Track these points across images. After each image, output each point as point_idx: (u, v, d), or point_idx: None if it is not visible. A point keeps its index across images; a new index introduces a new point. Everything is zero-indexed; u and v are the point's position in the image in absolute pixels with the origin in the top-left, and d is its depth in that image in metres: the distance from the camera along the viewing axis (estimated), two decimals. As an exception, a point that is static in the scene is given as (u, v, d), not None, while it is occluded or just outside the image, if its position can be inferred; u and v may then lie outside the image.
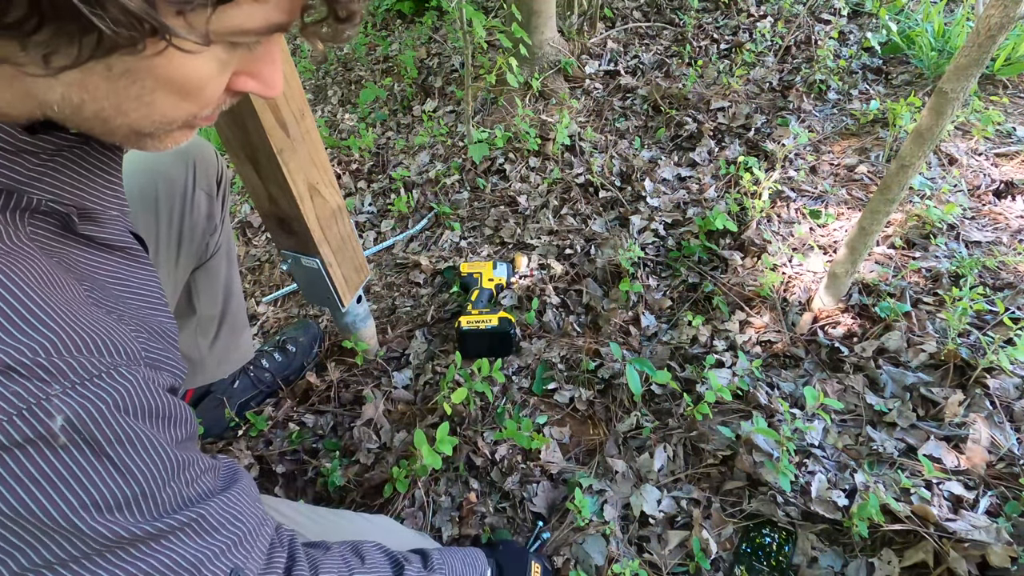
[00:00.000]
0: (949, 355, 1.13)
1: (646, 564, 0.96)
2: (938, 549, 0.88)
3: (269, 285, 1.75)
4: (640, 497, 1.03)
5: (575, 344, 1.34)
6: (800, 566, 0.93)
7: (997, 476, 0.97)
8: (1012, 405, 1.05)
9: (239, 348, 1.22)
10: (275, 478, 1.16)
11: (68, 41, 0.29)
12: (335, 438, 1.23)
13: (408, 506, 1.08)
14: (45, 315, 0.36)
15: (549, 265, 1.53)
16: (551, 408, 1.24)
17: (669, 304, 1.40)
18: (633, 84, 2.19)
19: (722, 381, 1.13)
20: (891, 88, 2.04)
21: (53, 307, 0.37)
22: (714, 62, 2.26)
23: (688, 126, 1.94)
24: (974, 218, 1.47)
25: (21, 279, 0.36)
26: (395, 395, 1.29)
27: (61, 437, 0.35)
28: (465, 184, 1.94)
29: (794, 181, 1.67)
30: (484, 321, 1.31)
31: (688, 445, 1.12)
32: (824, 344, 1.23)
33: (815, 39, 2.25)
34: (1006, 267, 1.30)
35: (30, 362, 0.34)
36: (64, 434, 0.35)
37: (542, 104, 2.18)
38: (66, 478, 0.36)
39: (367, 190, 2.03)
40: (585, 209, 1.72)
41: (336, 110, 2.60)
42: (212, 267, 1.07)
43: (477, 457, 1.13)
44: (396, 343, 1.43)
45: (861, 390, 1.14)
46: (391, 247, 1.79)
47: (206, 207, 0.99)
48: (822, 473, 1.01)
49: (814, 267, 1.40)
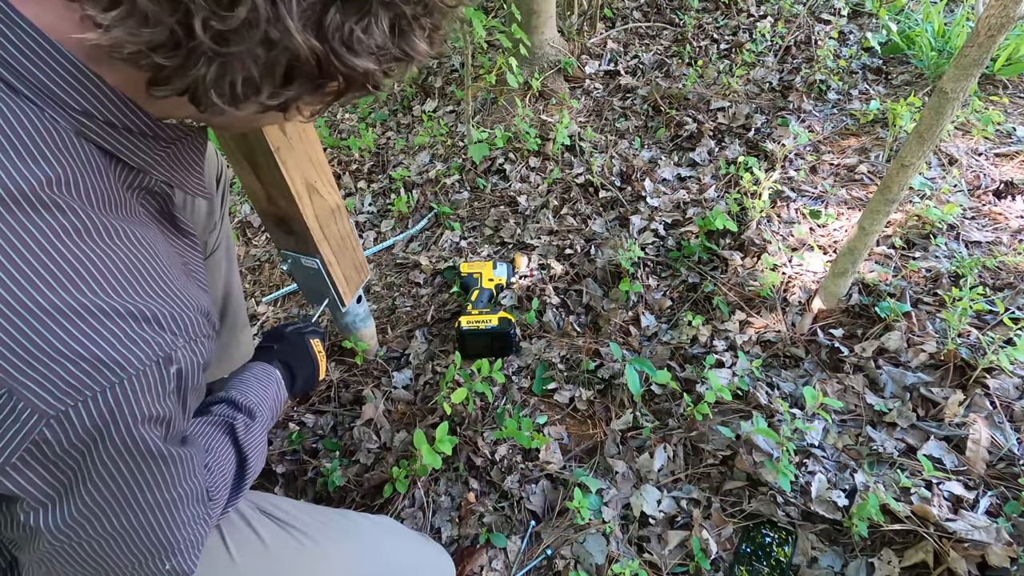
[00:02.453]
0: (949, 355, 1.13)
1: (646, 564, 0.96)
2: (938, 549, 0.88)
3: (269, 285, 1.75)
4: (640, 497, 1.03)
5: (575, 344, 1.34)
6: (800, 566, 0.93)
7: (997, 476, 0.97)
8: (1012, 405, 1.05)
9: (239, 347, 1.22)
10: (275, 478, 1.16)
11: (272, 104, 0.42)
12: (335, 438, 1.22)
13: (408, 506, 1.08)
14: (171, 277, 0.45)
15: (549, 265, 1.53)
16: (551, 408, 1.24)
17: (669, 304, 1.40)
18: (633, 84, 2.19)
19: (722, 381, 1.13)
20: (891, 88, 2.05)
21: (174, 272, 0.46)
22: (714, 62, 2.26)
23: (688, 126, 1.94)
24: (974, 218, 1.47)
25: (152, 246, 0.44)
26: (395, 395, 1.29)
27: (172, 383, 0.43)
28: (465, 184, 1.93)
29: (794, 181, 1.67)
30: (484, 321, 1.31)
31: (688, 445, 1.12)
32: (824, 344, 1.23)
33: (815, 39, 2.25)
34: (1006, 267, 1.30)
35: (167, 315, 0.42)
36: (173, 380, 0.43)
37: (542, 104, 2.18)
38: (163, 417, 0.43)
39: (367, 190, 2.03)
40: (585, 209, 1.72)
41: (336, 110, 2.60)
42: (211, 265, 1.07)
43: (477, 457, 1.13)
44: (396, 343, 1.43)
45: (861, 390, 1.13)
46: (391, 247, 1.79)
47: (205, 205, 0.99)
48: (822, 473, 1.01)
49: (814, 267, 1.40)
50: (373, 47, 0.39)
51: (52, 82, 0.38)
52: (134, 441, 0.41)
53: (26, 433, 0.37)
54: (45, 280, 0.36)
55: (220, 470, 0.63)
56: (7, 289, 0.35)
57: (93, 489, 0.42)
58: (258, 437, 0.72)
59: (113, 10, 0.35)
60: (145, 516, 0.46)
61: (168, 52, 0.37)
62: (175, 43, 0.36)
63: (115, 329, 0.39)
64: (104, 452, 0.40)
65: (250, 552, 0.65)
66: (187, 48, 0.36)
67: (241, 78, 0.39)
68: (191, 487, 0.50)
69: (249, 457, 0.68)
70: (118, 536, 0.45)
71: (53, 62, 0.38)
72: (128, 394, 0.39)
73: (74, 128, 0.40)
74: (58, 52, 0.37)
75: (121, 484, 0.43)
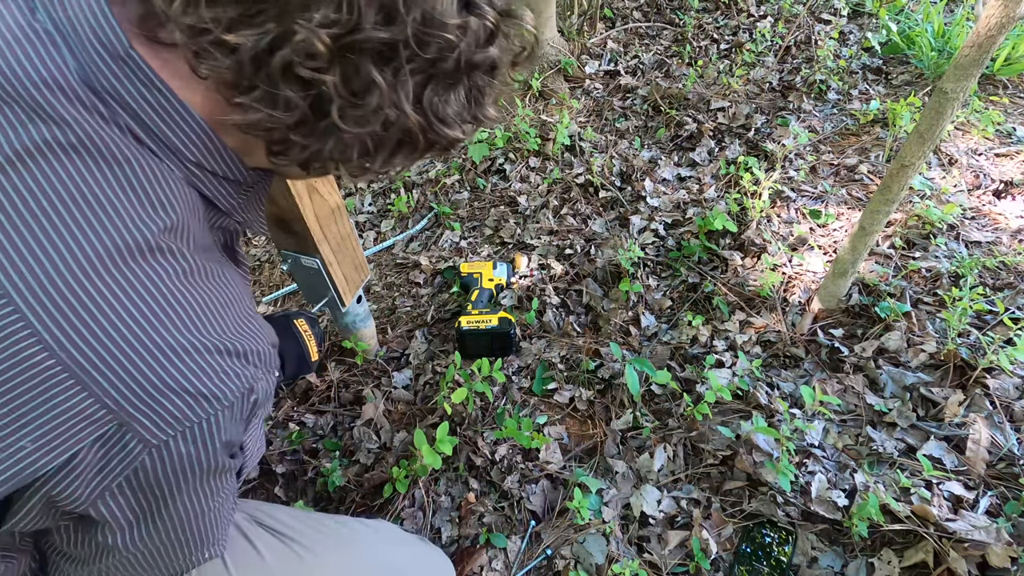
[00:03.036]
0: (949, 355, 1.13)
1: (646, 564, 0.96)
2: (938, 549, 0.88)
3: (269, 285, 1.75)
4: (640, 497, 1.03)
5: (575, 344, 1.34)
6: (800, 566, 0.93)
7: (997, 476, 0.97)
8: (1012, 405, 1.05)
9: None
10: (275, 478, 1.16)
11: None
12: (335, 438, 1.22)
13: (408, 506, 1.08)
14: (251, 312, 0.48)
15: (549, 265, 1.53)
16: (551, 408, 1.24)
17: (669, 304, 1.40)
18: (633, 84, 2.19)
19: (722, 381, 1.13)
20: (891, 88, 2.04)
21: (251, 306, 0.49)
22: (714, 62, 2.26)
23: (688, 126, 1.94)
24: (974, 218, 1.47)
25: (235, 283, 0.47)
26: (395, 395, 1.29)
27: (248, 411, 0.46)
28: (465, 184, 1.93)
29: (794, 181, 1.67)
30: (484, 321, 1.31)
31: (688, 445, 1.12)
32: (824, 344, 1.23)
33: (815, 39, 2.25)
34: (1006, 267, 1.30)
35: (252, 350, 0.45)
36: (250, 408, 0.46)
37: (542, 104, 2.18)
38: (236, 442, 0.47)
39: (367, 190, 2.03)
40: (585, 209, 1.72)
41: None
42: None
43: (477, 457, 1.13)
44: (396, 343, 1.43)
45: (861, 390, 1.13)
46: (391, 247, 1.79)
47: None
48: (822, 473, 1.01)
49: (814, 267, 1.40)
50: (456, 117, 0.44)
51: (176, 137, 0.41)
52: (217, 464, 0.45)
53: (129, 462, 0.39)
54: (160, 319, 0.39)
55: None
56: (129, 329, 0.38)
57: (173, 509, 0.45)
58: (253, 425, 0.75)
59: (251, 93, 0.39)
60: (201, 519, 0.50)
61: (301, 131, 0.41)
62: (307, 123, 0.41)
63: (215, 364, 0.41)
64: (192, 478, 0.44)
65: (248, 565, 0.65)
66: (319, 128, 0.41)
67: (357, 152, 0.43)
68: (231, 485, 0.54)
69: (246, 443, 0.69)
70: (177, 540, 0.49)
71: (182, 122, 0.41)
72: (221, 424, 0.43)
73: (184, 176, 0.43)
74: (189, 116, 0.41)
75: (195, 501, 0.47)
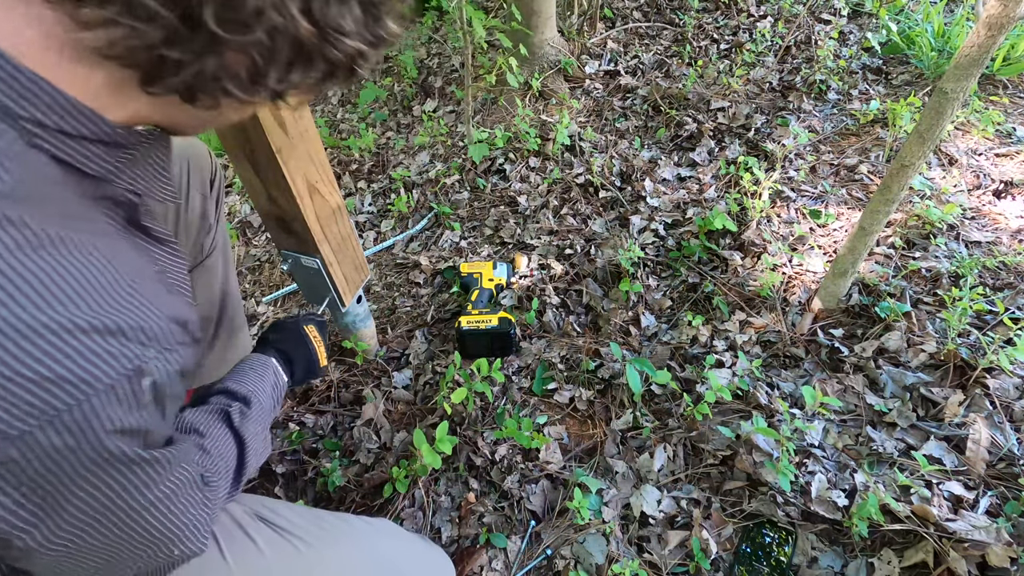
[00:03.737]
0: (949, 355, 1.13)
1: (646, 564, 0.96)
2: (938, 549, 0.88)
3: (269, 285, 1.75)
4: (640, 497, 1.03)
5: (575, 344, 1.34)
6: (800, 566, 0.93)
7: (997, 476, 0.97)
8: (1012, 405, 1.05)
9: (237, 348, 1.21)
10: (275, 478, 1.16)
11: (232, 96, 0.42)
12: (335, 438, 1.22)
13: (408, 506, 1.08)
14: (136, 287, 0.42)
15: (549, 265, 1.53)
16: (551, 408, 1.24)
17: (669, 304, 1.40)
18: (633, 84, 2.19)
19: (722, 381, 1.13)
20: (891, 88, 2.04)
21: (142, 282, 0.44)
22: (714, 62, 2.26)
23: (688, 126, 1.94)
24: (974, 218, 1.47)
25: (119, 257, 0.42)
26: (395, 395, 1.29)
27: (147, 395, 0.41)
28: (465, 184, 1.93)
29: (794, 181, 1.67)
30: (484, 321, 1.31)
31: (688, 445, 1.12)
32: (824, 344, 1.23)
33: (815, 39, 2.25)
34: (1006, 267, 1.30)
35: (134, 326, 0.40)
36: (148, 392, 0.41)
37: (542, 104, 2.18)
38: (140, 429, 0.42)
39: (367, 190, 2.03)
40: (585, 209, 1.72)
41: (336, 110, 2.60)
42: (208, 267, 1.07)
43: (477, 457, 1.13)
44: (396, 343, 1.42)
45: (861, 390, 1.13)
46: (391, 247, 1.79)
47: (200, 207, 0.99)
48: (822, 473, 1.01)
49: (814, 267, 1.40)
50: (353, 29, 0.41)
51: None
52: (110, 454, 0.40)
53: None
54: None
55: (218, 453, 0.64)
56: None
57: (76, 505, 0.41)
58: (256, 424, 0.73)
59: (107, 7, 0.34)
60: (140, 516, 0.46)
61: (175, 46, 0.36)
62: (180, 37, 0.36)
63: (77, 345, 0.37)
64: (79, 469, 0.39)
65: (247, 559, 0.65)
66: (194, 41, 0.36)
67: (245, 70, 0.40)
68: (181, 478, 0.49)
69: (248, 443, 0.69)
70: (117, 539, 0.45)
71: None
72: (97, 410, 0.38)
73: (24, 138, 0.38)
74: (4, 60, 0.36)
75: (106, 494, 0.42)
